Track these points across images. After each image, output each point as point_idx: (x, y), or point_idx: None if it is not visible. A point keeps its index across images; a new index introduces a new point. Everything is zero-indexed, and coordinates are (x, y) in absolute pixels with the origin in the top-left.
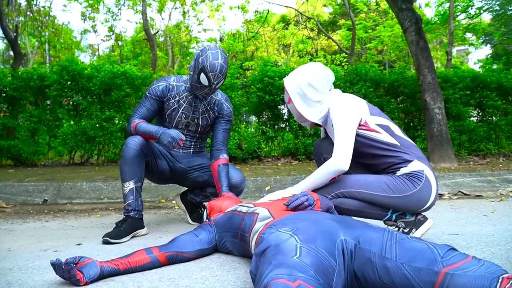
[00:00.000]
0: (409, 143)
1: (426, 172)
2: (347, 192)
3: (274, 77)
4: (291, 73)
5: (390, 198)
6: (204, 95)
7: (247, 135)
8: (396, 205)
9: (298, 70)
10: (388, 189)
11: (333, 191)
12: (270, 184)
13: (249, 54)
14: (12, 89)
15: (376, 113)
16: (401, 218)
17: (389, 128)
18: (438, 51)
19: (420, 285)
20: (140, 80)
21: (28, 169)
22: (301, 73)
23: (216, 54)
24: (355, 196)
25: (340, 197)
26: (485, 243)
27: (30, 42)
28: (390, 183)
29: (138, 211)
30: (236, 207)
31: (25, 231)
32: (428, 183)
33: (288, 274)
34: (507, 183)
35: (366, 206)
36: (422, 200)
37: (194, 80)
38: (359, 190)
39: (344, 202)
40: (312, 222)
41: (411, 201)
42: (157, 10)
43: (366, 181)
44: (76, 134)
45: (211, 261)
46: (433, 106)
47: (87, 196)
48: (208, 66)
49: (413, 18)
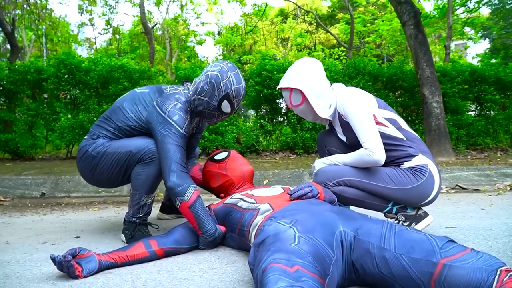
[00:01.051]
0: (414, 137)
1: (430, 166)
2: (348, 181)
3: (272, 70)
4: (292, 75)
5: (391, 189)
6: (217, 122)
7: (245, 129)
8: (397, 197)
9: (299, 70)
10: (390, 181)
11: (335, 179)
12: (268, 178)
13: (247, 48)
14: (9, 82)
15: (383, 106)
16: (402, 212)
17: (396, 121)
18: (437, 45)
19: (418, 276)
20: (138, 74)
21: (25, 162)
22: (305, 71)
23: (238, 76)
24: (356, 185)
25: (341, 185)
26: (483, 236)
27: (27, 36)
28: (392, 175)
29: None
30: (237, 201)
31: (23, 224)
32: (431, 177)
33: (286, 259)
34: (504, 177)
35: (367, 196)
36: (424, 194)
37: (211, 107)
38: (361, 180)
39: (345, 191)
40: (312, 214)
41: (412, 194)
42: (154, 3)
43: (368, 171)
44: (74, 127)
45: (209, 254)
46: (431, 100)
47: (85, 190)
48: (234, 92)
49: (412, 11)
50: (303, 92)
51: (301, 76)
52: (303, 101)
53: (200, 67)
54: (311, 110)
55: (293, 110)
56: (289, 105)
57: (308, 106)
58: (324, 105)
